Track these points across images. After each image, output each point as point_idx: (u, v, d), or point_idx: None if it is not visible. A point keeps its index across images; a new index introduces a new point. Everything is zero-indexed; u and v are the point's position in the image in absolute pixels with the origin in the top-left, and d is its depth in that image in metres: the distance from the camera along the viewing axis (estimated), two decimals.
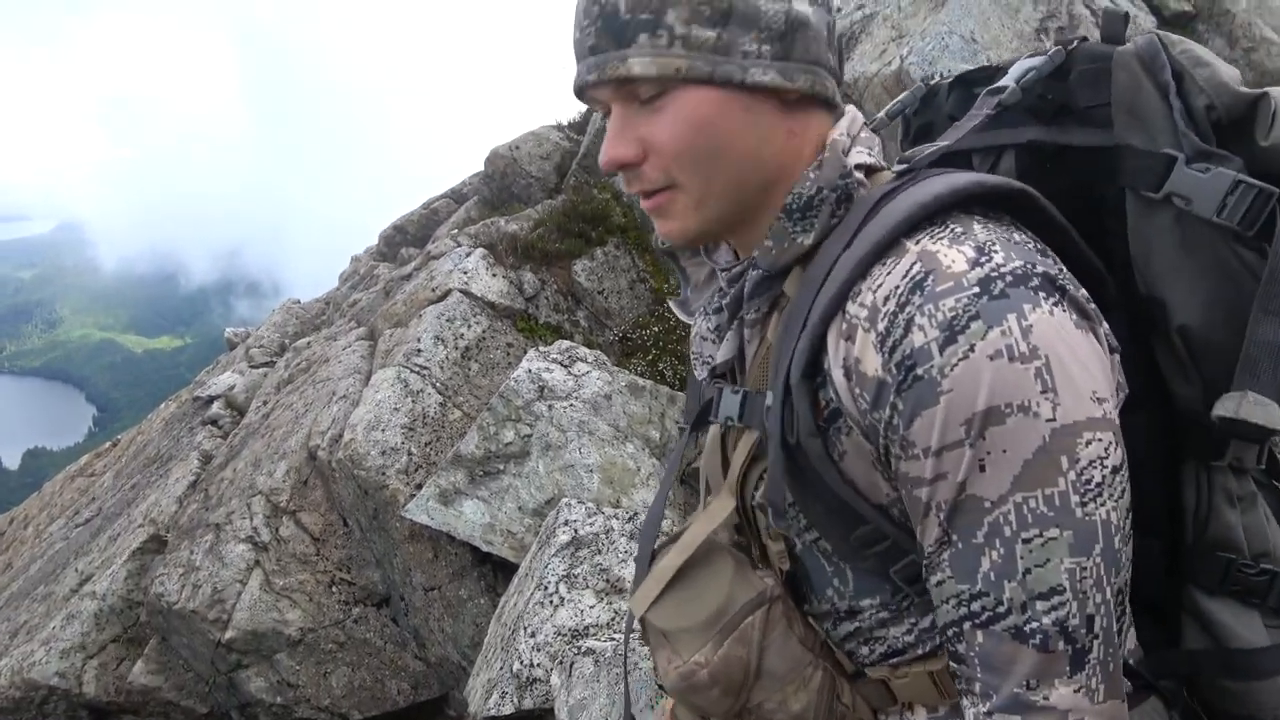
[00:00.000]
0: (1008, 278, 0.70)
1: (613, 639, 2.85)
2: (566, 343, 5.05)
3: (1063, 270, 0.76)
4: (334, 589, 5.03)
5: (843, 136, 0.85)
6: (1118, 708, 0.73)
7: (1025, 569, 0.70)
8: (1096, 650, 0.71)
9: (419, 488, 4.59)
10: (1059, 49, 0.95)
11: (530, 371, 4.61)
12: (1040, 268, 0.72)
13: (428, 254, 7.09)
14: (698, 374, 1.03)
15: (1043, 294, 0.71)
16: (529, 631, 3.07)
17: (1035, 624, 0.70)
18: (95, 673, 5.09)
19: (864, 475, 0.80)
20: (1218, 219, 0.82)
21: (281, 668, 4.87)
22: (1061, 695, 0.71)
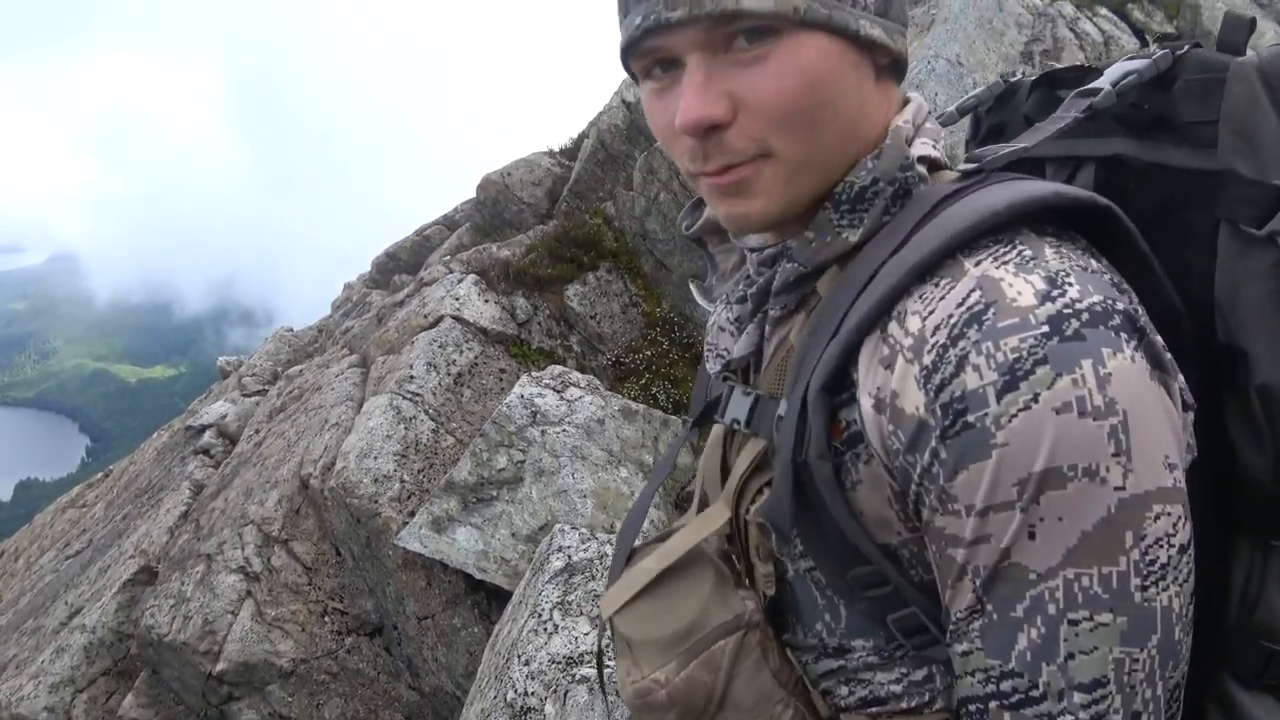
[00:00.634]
0: (1084, 316, 0.60)
1: (607, 666, 2.83)
2: (559, 368, 5.05)
3: (1140, 310, 0.66)
4: (326, 619, 4.99)
5: (907, 124, 0.75)
6: None
7: (1068, 653, 0.61)
8: None
9: (412, 515, 4.57)
10: (1166, 53, 0.81)
11: (523, 397, 4.61)
12: (1120, 304, 0.62)
13: (420, 280, 7.11)
14: (709, 366, 0.94)
15: (1124, 336, 0.61)
16: (523, 659, 3.05)
17: (1070, 717, 0.62)
18: (85, 707, 5.03)
19: (875, 510, 0.71)
20: None
21: (273, 699, 4.81)
22: None
